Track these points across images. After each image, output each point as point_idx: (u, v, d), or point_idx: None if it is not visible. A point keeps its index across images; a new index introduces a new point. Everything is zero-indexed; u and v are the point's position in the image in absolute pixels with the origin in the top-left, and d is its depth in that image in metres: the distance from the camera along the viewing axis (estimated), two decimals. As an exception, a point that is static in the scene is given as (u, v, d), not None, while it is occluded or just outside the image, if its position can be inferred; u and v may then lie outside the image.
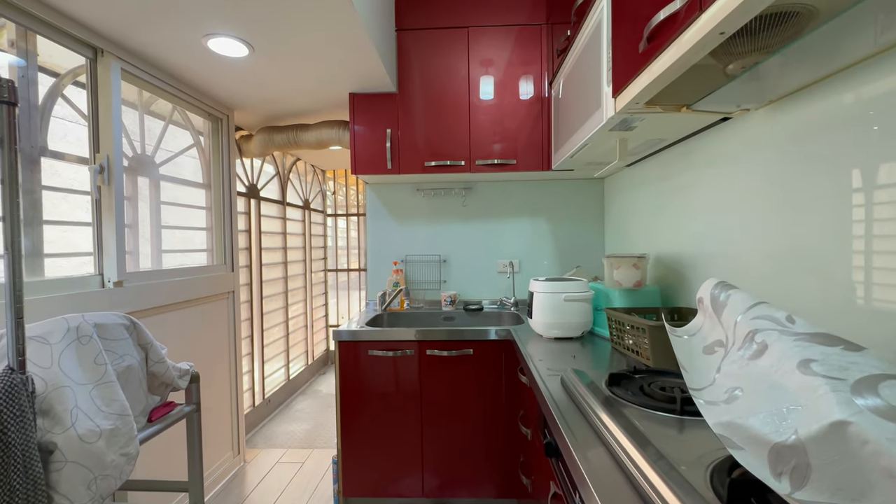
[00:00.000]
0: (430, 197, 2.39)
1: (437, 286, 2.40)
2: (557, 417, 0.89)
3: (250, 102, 2.21)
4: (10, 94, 0.81)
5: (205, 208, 2.19)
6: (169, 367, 1.19)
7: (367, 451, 1.81)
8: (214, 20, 1.41)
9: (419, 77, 2.06)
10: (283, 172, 3.30)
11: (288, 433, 2.73)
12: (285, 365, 3.30)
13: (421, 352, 1.78)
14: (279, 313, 3.21)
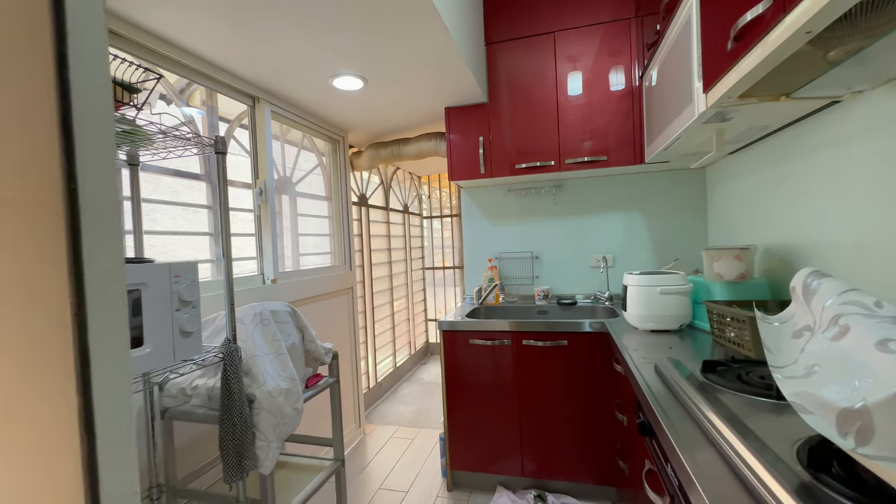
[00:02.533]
0: (521, 196, 2.51)
1: (529, 281, 2.52)
2: (650, 398, 0.97)
3: (361, 124, 2.56)
4: (223, 146, 1.15)
5: (328, 217, 2.59)
6: (318, 346, 1.51)
7: (469, 430, 2.02)
8: (341, 65, 1.72)
9: (508, 85, 2.20)
10: (386, 181, 3.68)
11: (397, 413, 3.08)
12: (392, 354, 3.69)
13: (517, 342, 1.92)
14: (386, 307, 3.60)
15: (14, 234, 0.35)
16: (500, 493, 1.96)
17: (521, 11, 2.17)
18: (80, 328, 0.37)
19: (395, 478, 2.22)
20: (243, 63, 1.66)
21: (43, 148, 0.36)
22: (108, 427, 0.39)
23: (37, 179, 0.36)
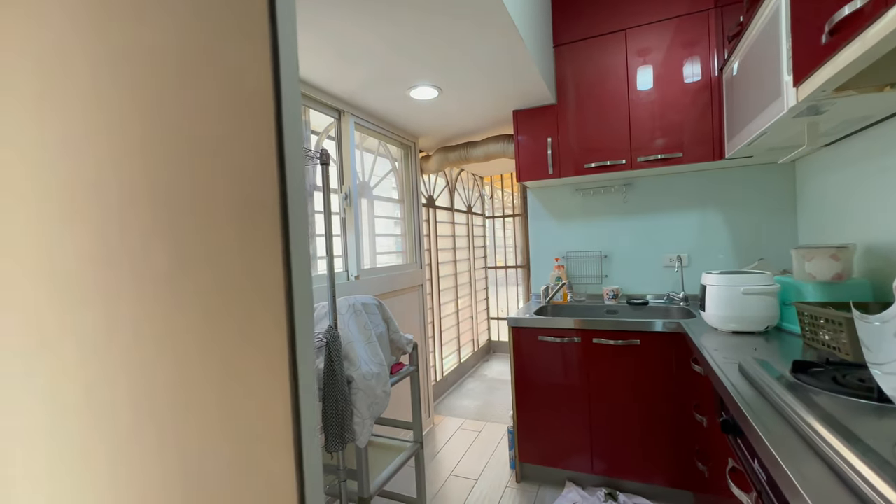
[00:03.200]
0: (590, 196, 2.51)
1: (598, 281, 2.51)
2: (735, 396, 0.98)
3: (431, 130, 2.70)
4: (326, 158, 1.32)
5: (400, 218, 2.76)
6: (401, 336, 1.65)
7: (538, 425, 2.07)
8: (419, 77, 1.86)
9: (576, 85, 2.21)
10: (451, 183, 3.81)
11: (463, 407, 3.19)
12: (457, 350, 3.81)
13: (587, 340, 1.94)
14: (451, 305, 3.73)
15: (252, 227, 0.49)
16: (570, 488, 2.00)
17: (591, 11, 2.18)
18: (289, 308, 0.51)
19: (464, 466, 2.33)
20: (336, 81, 1.85)
21: (267, 164, 0.50)
22: (303, 382, 0.52)
23: (262, 187, 0.50)
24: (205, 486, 0.57)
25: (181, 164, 0.56)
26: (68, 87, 0.72)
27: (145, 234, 0.63)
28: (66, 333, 0.76)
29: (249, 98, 0.51)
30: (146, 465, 0.67)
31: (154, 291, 0.63)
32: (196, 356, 0.57)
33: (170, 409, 0.64)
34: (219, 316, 0.55)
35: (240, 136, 0.52)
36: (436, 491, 2.11)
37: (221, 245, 0.54)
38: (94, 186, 0.69)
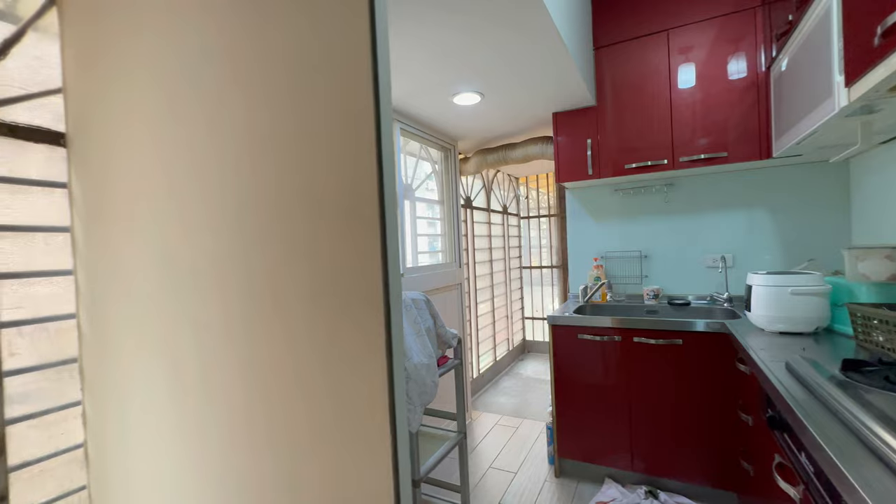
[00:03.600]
0: (630, 196, 2.52)
1: (637, 281, 2.51)
2: (782, 391, 1.01)
3: (471, 133, 2.78)
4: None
5: (439, 219, 2.86)
6: (447, 331, 1.74)
7: (577, 421, 2.10)
8: (462, 84, 1.95)
9: (616, 86, 2.23)
10: (488, 184, 3.88)
11: (500, 404, 3.25)
12: (493, 348, 3.87)
13: (628, 339, 1.97)
14: (486, 304, 3.79)
15: (355, 232, 0.59)
16: (609, 484, 2.02)
17: (632, 14, 2.19)
18: (385, 296, 0.60)
19: (503, 460, 2.39)
20: (383, 90, 1.97)
21: (368, 171, 0.60)
22: (396, 360, 0.61)
23: (367, 195, 0.60)
24: (309, 448, 0.68)
25: (293, 172, 0.67)
26: (194, 103, 0.87)
27: (262, 232, 0.75)
28: (183, 321, 0.90)
29: (356, 116, 0.61)
30: (255, 436, 0.79)
31: (265, 283, 0.74)
32: (304, 338, 0.67)
33: (278, 386, 0.75)
34: (325, 303, 0.65)
35: (346, 148, 0.62)
36: (476, 481, 2.18)
37: (329, 240, 0.64)
38: (215, 190, 0.82)
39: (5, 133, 1.05)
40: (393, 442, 0.60)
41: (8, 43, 1.06)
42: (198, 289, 0.88)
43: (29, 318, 1.08)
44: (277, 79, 0.72)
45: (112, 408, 1.10)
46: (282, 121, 0.71)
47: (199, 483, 0.92)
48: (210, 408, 0.87)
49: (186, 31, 0.86)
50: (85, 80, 1.11)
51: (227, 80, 0.80)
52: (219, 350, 0.85)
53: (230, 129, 0.79)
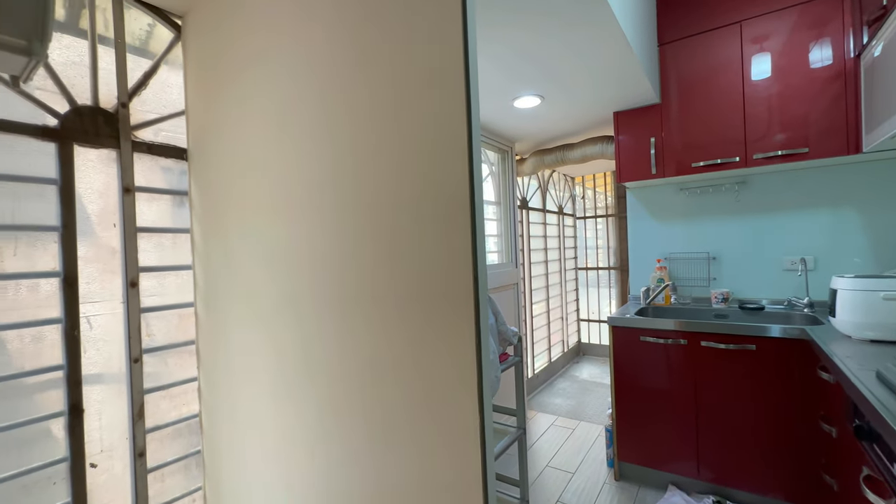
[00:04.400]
0: (696, 195, 2.43)
1: (704, 283, 2.41)
2: (871, 399, 0.96)
3: (528, 135, 2.82)
4: (450, 169, 1.51)
5: (496, 220, 2.92)
6: (508, 329, 1.80)
7: (638, 425, 2.07)
8: (523, 88, 2.00)
9: (683, 82, 2.17)
10: (543, 184, 3.88)
11: (555, 405, 3.25)
12: (547, 349, 3.87)
13: (694, 343, 1.91)
14: (541, 305, 3.79)
15: (449, 232, 0.68)
16: (673, 491, 1.98)
17: (700, 6, 2.12)
18: (475, 288, 0.68)
19: (560, 459, 2.41)
20: (446, 97, 2.07)
21: (461, 181, 0.69)
22: (483, 355, 0.69)
23: (460, 199, 0.68)
24: (400, 420, 0.77)
25: (392, 179, 0.77)
26: (299, 117, 0.99)
27: (359, 231, 0.86)
28: (284, 310, 1.04)
29: (450, 126, 0.70)
30: (351, 406, 0.90)
31: (363, 279, 0.85)
32: (398, 329, 0.77)
33: (371, 365, 0.86)
34: (419, 291, 0.74)
35: (440, 156, 0.71)
36: (534, 478, 2.22)
37: (425, 237, 0.73)
38: (316, 194, 0.94)
39: (144, 150, 1.26)
40: (481, 423, 0.68)
41: (147, 75, 1.28)
42: (299, 283, 1.01)
43: (160, 305, 1.29)
44: (381, 96, 0.82)
45: (221, 384, 1.29)
46: (382, 133, 0.82)
47: (295, 451, 1.06)
48: (307, 387, 1.00)
49: (293, 58, 1.00)
50: (203, 102, 1.30)
51: (332, 97, 0.92)
52: (316, 337, 0.98)
53: (333, 139, 0.91)
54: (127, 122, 1.21)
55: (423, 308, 0.76)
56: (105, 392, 1.17)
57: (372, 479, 0.88)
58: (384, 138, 0.82)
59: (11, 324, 1.02)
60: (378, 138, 0.83)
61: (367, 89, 0.84)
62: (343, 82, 0.89)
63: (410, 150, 0.77)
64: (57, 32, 1.15)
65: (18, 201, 1.02)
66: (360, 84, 0.85)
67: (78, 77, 1.14)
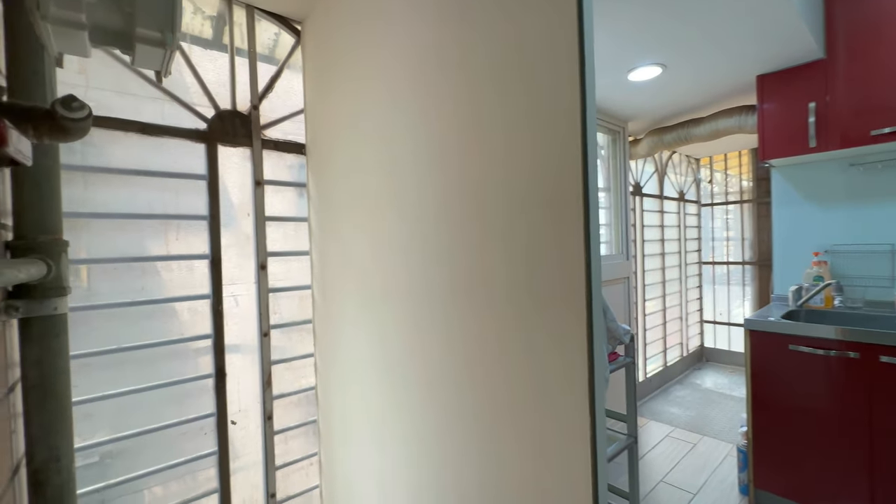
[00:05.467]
0: (874, 172, 1.92)
1: (886, 283, 1.91)
2: None
3: (643, 112, 2.52)
4: (555, 151, 1.41)
5: (606, 208, 2.68)
6: (618, 326, 1.63)
7: (783, 450, 1.73)
8: (642, 58, 1.78)
9: (862, 28, 1.72)
10: (661, 167, 3.47)
11: (671, 414, 2.90)
12: (662, 352, 3.47)
13: (869, 357, 1.52)
14: (656, 302, 3.41)
15: (559, 218, 0.61)
16: (833, 536, 1.61)
17: (891, -74, 1.65)
18: (588, 292, 0.61)
19: (677, 476, 2.14)
20: (551, 77, 1.94)
21: (573, 169, 0.61)
22: (596, 352, 0.61)
23: (571, 189, 0.61)
24: (503, 416, 0.73)
25: (499, 168, 0.73)
26: (405, 106, 0.98)
27: (465, 220, 0.83)
28: (391, 294, 1.05)
29: (562, 109, 0.62)
30: (451, 398, 0.88)
31: (469, 266, 0.82)
32: (502, 315, 0.73)
33: (473, 358, 0.83)
34: (527, 281, 0.69)
35: (551, 143, 0.64)
36: (646, 493, 2.01)
37: (534, 225, 0.67)
38: (422, 184, 0.94)
39: (271, 147, 1.40)
40: (592, 426, 0.60)
41: (273, 79, 1.41)
42: (403, 272, 1.03)
43: (284, 287, 1.43)
44: (486, 79, 0.78)
45: (333, 361, 1.39)
46: (489, 118, 0.77)
47: (395, 436, 1.08)
48: (408, 375, 1.02)
49: (401, 52, 1.00)
50: (319, 101, 1.40)
51: (436, 89, 0.90)
52: (418, 326, 0.98)
53: (438, 131, 0.90)
54: (257, 122, 1.36)
55: (531, 300, 0.70)
56: (242, 360, 1.35)
57: (471, 476, 0.85)
58: (492, 123, 0.77)
59: (178, 297, 1.22)
60: (485, 124, 0.78)
61: (472, 73, 0.80)
62: (448, 68, 0.86)
63: (519, 134, 0.72)
64: (205, 49, 1.34)
65: (178, 194, 1.22)
66: (465, 68, 0.82)
67: (220, 86, 1.31)
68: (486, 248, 0.79)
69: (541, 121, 0.67)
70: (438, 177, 0.90)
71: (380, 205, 1.11)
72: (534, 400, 0.70)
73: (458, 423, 0.88)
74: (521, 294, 0.72)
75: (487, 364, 0.80)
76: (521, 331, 0.72)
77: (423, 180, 0.95)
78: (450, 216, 0.87)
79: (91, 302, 1.09)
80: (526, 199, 0.70)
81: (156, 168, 1.19)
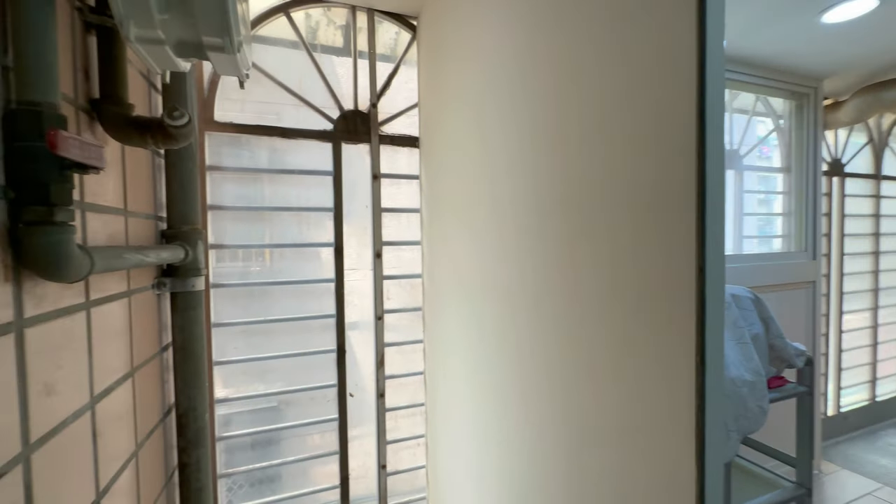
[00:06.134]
0: None
1: None
2: None
3: (846, 65, 1.89)
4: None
5: (783, 193, 2.12)
6: (787, 345, 1.28)
7: None
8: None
9: None
10: (879, 138, 2.59)
11: (878, 466, 2.18)
12: (869, 381, 2.63)
13: None
14: (862, 316, 2.59)
15: (659, 215, 0.48)
16: None
17: None
18: (700, 300, 0.46)
19: (882, 552, 1.60)
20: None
21: (685, 151, 0.47)
22: (709, 378, 0.47)
23: (678, 173, 0.47)
24: (590, 435, 0.63)
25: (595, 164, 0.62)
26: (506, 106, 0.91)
27: (558, 216, 0.74)
28: (489, 286, 1.00)
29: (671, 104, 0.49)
30: (542, 404, 0.80)
31: (559, 264, 0.73)
32: (595, 324, 0.63)
33: (563, 364, 0.74)
34: (623, 276, 0.57)
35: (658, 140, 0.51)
36: (826, 561, 1.55)
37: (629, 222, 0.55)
38: (521, 180, 0.86)
39: (387, 142, 1.47)
40: (699, 464, 0.46)
41: (390, 77, 1.49)
42: (503, 264, 0.97)
43: (397, 274, 1.51)
44: (589, 82, 0.67)
45: (440, 348, 1.41)
46: (588, 117, 0.66)
47: (488, 433, 1.04)
48: (503, 374, 0.96)
49: (506, 50, 0.94)
50: (432, 94, 1.42)
51: (538, 86, 0.81)
52: (512, 325, 0.92)
53: (540, 128, 0.81)
54: (375, 119, 1.44)
55: (629, 309, 0.58)
56: (358, 339, 1.47)
57: (557, 490, 0.76)
58: (588, 101, 0.65)
59: (311, 279, 1.41)
60: (583, 119, 0.67)
61: (576, 62, 0.69)
62: (549, 62, 0.76)
63: (613, 127, 0.59)
64: (335, 56, 1.48)
65: (309, 189, 1.38)
66: (564, 70, 0.71)
67: (345, 88, 1.43)
68: (582, 246, 0.68)
69: (645, 106, 0.54)
70: (533, 173, 0.81)
71: (480, 199, 1.07)
72: (625, 425, 0.58)
73: (546, 431, 0.80)
74: (617, 301, 0.60)
75: (575, 375, 0.69)
76: (612, 344, 0.60)
77: (519, 177, 0.87)
78: (546, 214, 0.78)
79: (271, 279, 1.36)
80: (630, 191, 0.57)
81: (293, 167, 1.37)
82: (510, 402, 0.95)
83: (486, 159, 1.04)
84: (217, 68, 0.49)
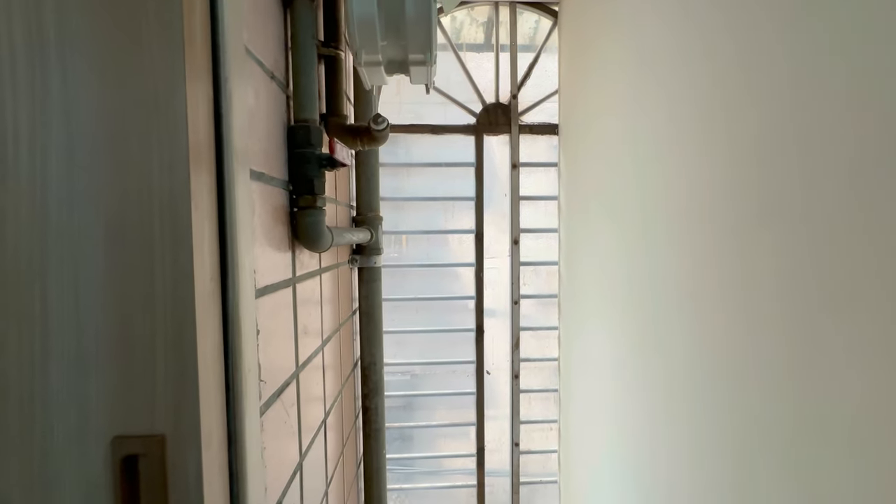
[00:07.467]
0: None
1: None
2: None
3: None
4: None
5: None
6: None
7: None
8: None
9: None
10: None
11: None
12: None
13: None
14: None
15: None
16: None
17: None
18: None
19: None
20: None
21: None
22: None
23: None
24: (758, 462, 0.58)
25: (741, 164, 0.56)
26: (656, 96, 0.87)
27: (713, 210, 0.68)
28: (633, 277, 0.96)
29: None
30: (692, 413, 0.76)
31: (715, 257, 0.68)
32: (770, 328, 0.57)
33: (723, 370, 0.69)
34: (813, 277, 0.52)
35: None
36: None
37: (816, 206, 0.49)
38: (670, 169, 0.81)
39: (526, 131, 1.51)
40: None
41: (530, 67, 1.51)
42: (646, 253, 0.93)
43: (534, 261, 1.54)
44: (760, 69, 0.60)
45: (574, 338, 1.41)
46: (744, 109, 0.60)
47: (627, 432, 1.01)
48: (645, 374, 0.93)
49: (656, 32, 0.89)
50: (573, 81, 1.40)
51: (692, 75, 0.76)
52: (661, 308, 0.88)
53: (689, 116, 0.76)
54: (516, 110, 1.49)
55: (804, 305, 0.52)
56: (496, 322, 1.56)
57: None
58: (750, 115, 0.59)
59: (454, 263, 1.54)
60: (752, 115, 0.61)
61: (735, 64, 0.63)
62: (702, 62, 0.71)
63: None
64: (476, 53, 1.56)
65: (454, 179, 1.50)
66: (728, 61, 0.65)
67: (486, 82, 1.50)
68: (746, 242, 0.62)
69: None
70: (689, 164, 0.76)
71: (626, 192, 1.04)
72: (799, 442, 0.52)
73: (695, 450, 0.75)
74: (795, 300, 0.54)
75: (741, 385, 0.64)
76: (797, 344, 0.54)
77: (673, 168, 0.82)
78: (699, 206, 0.73)
79: (401, 262, 1.53)
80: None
81: (441, 160, 1.50)
82: (659, 402, 0.91)
83: (636, 149, 0.99)
84: (413, 79, 0.59)
